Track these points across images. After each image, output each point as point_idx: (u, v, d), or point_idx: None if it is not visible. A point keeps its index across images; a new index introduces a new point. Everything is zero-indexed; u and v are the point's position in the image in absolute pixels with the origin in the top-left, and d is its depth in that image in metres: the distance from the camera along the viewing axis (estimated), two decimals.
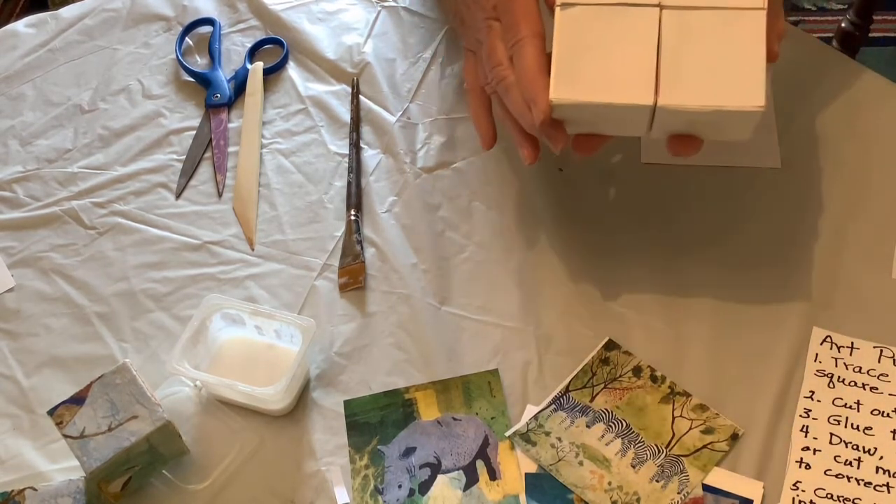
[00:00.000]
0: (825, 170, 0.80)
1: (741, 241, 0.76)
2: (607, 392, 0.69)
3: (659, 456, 0.65)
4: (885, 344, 0.69)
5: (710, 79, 0.56)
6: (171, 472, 0.67)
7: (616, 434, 0.67)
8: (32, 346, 0.76)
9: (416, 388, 0.70)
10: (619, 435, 0.67)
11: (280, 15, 0.98)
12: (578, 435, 0.67)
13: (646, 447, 0.66)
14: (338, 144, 0.87)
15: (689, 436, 0.66)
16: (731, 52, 0.56)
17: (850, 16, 1.44)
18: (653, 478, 0.64)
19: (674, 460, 0.65)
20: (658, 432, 0.66)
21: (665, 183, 0.80)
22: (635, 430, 0.67)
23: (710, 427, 0.66)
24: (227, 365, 0.72)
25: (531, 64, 0.60)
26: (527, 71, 0.61)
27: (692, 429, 0.66)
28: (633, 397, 0.68)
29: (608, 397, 0.68)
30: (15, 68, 0.97)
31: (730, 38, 0.57)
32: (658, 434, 0.66)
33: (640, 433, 0.66)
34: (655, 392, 0.68)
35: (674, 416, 0.67)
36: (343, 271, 0.77)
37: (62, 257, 0.82)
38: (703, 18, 0.57)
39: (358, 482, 0.66)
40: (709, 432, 0.66)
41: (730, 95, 0.56)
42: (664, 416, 0.67)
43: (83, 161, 0.88)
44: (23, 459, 0.70)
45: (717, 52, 0.56)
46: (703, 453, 0.65)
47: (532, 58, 0.61)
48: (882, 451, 0.65)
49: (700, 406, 0.67)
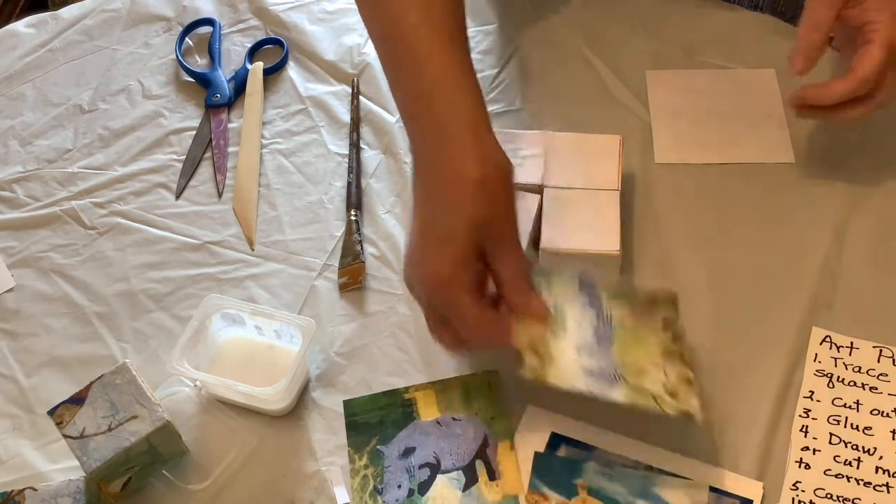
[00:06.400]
0: (825, 170, 0.80)
1: (740, 241, 0.76)
2: (624, 308, 0.65)
3: (612, 372, 0.62)
4: (885, 344, 0.69)
5: (578, 232, 0.70)
6: (171, 472, 0.67)
7: (594, 332, 0.64)
8: (32, 346, 0.76)
9: (415, 388, 0.70)
10: (597, 335, 0.64)
11: (280, 15, 0.98)
12: (567, 304, 0.64)
13: (611, 363, 0.62)
14: (338, 145, 0.87)
15: (649, 378, 0.62)
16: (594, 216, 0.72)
17: None
18: (585, 367, 0.62)
19: (618, 376, 0.62)
20: (625, 362, 0.63)
21: (674, 182, 0.80)
22: (615, 344, 0.63)
23: (674, 391, 0.62)
24: (227, 365, 0.72)
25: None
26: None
27: (657, 381, 0.62)
28: (639, 328, 0.64)
29: (622, 312, 0.65)
30: (15, 68, 0.97)
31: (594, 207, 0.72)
32: (625, 363, 0.63)
33: (616, 348, 0.63)
34: (663, 339, 0.64)
35: (659, 366, 0.63)
36: (343, 271, 0.77)
37: (62, 257, 0.82)
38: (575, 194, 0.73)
39: (357, 482, 0.66)
40: (672, 394, 0.62)
41: (593, 242, 0.70)
42: (649, 357, 0.63)
43: (83, 161, 0.88)
44: (23, 459, 0.70)
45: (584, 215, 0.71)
46: (645, 391, 0.62)
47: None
48: (882, 451, 0.65)
49: (687, 380, 0.62)
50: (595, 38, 0.91)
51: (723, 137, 0.81)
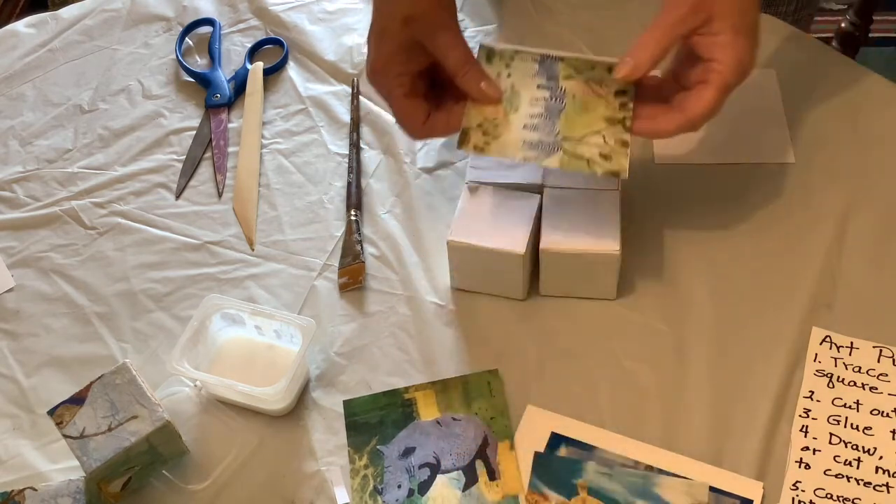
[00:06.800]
0: (825, 170, 0.80)
1: (741, 241, 0.76)
2: (580, 83, 0.69)
3: (552, 142, 0.67)
4: (885, 344, 0.69)
5: (578, 233, 0.71)
6: (171, 472, 0.67)
7: (546, 107, 0.68)
8: (32, 346, 0.76)
9: (415, 388, 0.70)
10: (547, 109, 0.68)
11: (280, 15, 0.98)
12: (524, 84, 0.69)
13: (553, 134, 0.67)
14: (338, 145, 0.87)
15: (587, 144, 0.66)
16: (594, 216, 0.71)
17: (850, 16, 1.44)
18: (527, 140, 0.66)
19: (558, 146, 0.66)
20: (569, 132, 0.67)
21: (674, 182, 0.80)
22: (563, 116, 0.67)
23: (609, 154, 0.66)
24: (227, 365, 0.72)
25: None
26: None
27: (595, 146, 0.66)
28: (589, 99, 0.68)
29: (576, 83, 0.69)
30: (15, 68, 0.97)
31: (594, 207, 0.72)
32: (569, 133, 0.67)
33: (562, 123, 0.67)
34: (610, 109, 0.67)
35: (599, 132, 0.67)
36: (343, 271, 0.77)
37: (62, 257, 0.82)
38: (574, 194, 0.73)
39: (357, 482, 0.66)
40: (606, 157, 0.66)
41: (593, 243, 0.70)
42: (592, 124, 0.67)
43: (83, 161, 0.88)
44: (23, 459, 0.70)
45: (584, 215, 0.71)
46: (580, 156, 0.66)
47: None
48: (881, 451, 0.65)
49: (623, 142, 0.66)
50: (595, 38, 0.91)
51: (723, 137, 0.81)
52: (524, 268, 0.71)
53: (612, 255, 0.70)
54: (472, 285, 0.75)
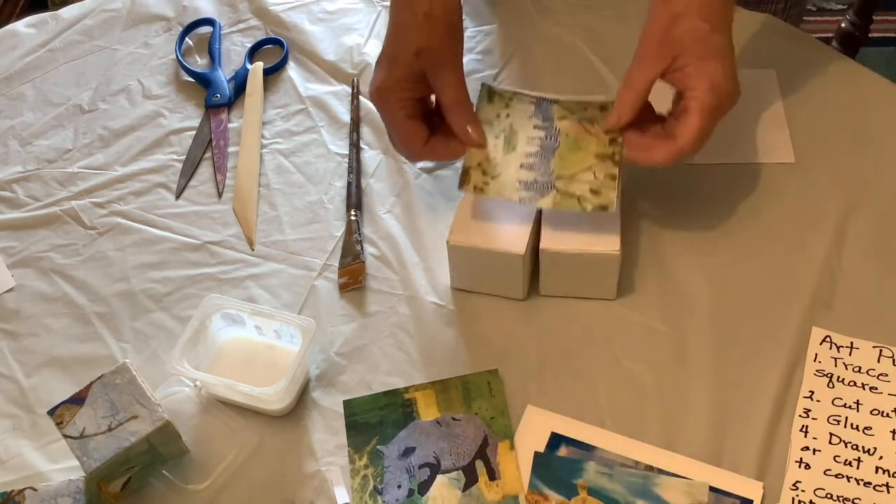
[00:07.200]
0: (825, 170, 0.80)
1: (741, 241, 0.76)
2: (573, 122, 0.73)
3: (546, 181, 0.70)
4: (885, 344, 0.69)
5: (578, 233, 0.71)
6: (171, 472, 0.67)
7: (541, 147, 0.71)
8: (32, 346, 0.76)
9: (415, 388, 0.70)
10: (542, 149, 0.71)
11: (280, 15, 0.98)
12: (522, 125, 0.73)
13: (547, 173, 0.70)
14: (338, 144, 0.87)
15: (579, 182, 0.69)
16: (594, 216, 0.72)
17: (850, 16, 1.44)
18: (523, 181, 0.70)
19: (551, 185, 0.70)
20: (561, 170, 0.70)
21: (674, 182, 0.80)
22: (556, 155, 0.71)
23: (598, 189, 0.69)
24: (227, 365, 0.72)
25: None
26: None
27: (586, 183, 0.69)
28: (581, 138, 0.72)
29: (570, 123, 0.73)
30: (15, 68, 0.97)
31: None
32: (561, 171, 0.70)
33: (556, 159, 0.71)
34: (601, 146, 0.71)
35: (591, 168, 0.70)
36: (343, 271, 0.77)
37: (62, 257, 0.82)
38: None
39: (357, 482, 0.66)
40: (595, 192, 0.69)
41: (593, 243, 0.71)
42: (584, 161, 0.70)
43: (83, 161, 0.88)
44: (23, 459, 0.70)
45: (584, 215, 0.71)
46: (572, 195, 0.69)
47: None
48: (881, 451, 0.65)
49: (612, 176, 0.69)
50: (595, 38, 0.92)
51: (723, 137, 0.81)
52: (524, 268, 0.71)
53: (612, 255, 0.70)
54: (472, 285, 0.75)
